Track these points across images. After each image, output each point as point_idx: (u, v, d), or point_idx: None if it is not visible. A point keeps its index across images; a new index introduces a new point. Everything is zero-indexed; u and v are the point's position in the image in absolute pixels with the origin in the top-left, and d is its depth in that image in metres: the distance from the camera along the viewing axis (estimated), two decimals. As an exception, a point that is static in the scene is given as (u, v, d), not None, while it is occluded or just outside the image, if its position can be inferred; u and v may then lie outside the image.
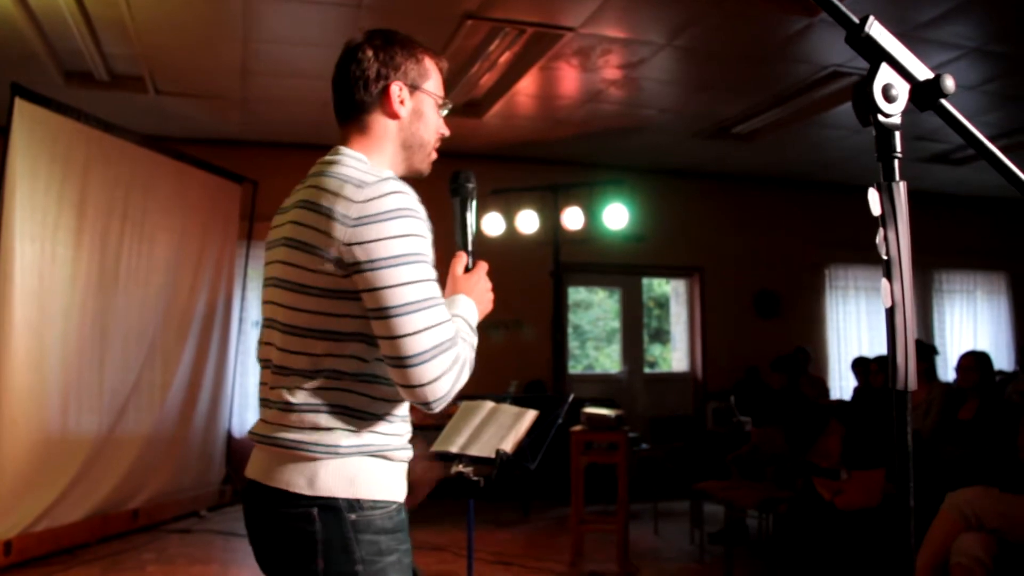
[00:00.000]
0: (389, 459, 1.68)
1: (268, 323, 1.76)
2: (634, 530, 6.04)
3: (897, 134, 1.05)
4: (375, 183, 1.60)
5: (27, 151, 5.39)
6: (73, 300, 5.79)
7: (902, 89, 1.05)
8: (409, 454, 1.75)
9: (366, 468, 1.64)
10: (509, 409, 3.06)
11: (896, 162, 1.04)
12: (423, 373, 1.55)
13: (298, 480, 1.61)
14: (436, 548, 5.76)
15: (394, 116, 1.78)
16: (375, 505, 1.63)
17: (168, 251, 6.73)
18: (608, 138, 8.03)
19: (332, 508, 1.60)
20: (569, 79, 6.47)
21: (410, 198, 1.62)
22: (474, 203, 1.98)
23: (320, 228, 1.60)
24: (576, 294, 10.05)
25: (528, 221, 7.52)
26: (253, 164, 7.74)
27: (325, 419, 1.63)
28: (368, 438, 1.64)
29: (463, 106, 7.03)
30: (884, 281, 1.01)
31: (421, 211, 1.63)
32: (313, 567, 1.60)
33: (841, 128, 7.54)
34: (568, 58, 5.97)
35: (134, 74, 6.26)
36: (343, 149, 1.75)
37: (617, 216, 7.44)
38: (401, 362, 1.55)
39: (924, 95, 1.05)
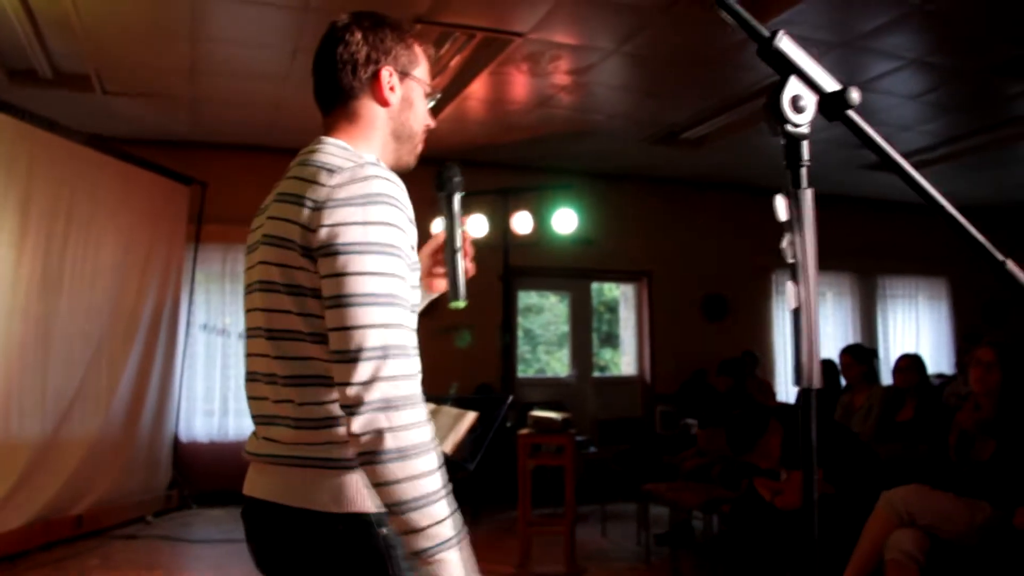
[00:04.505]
0: None
1: (253, 333, 1.59)
2: (581, 532, 6.09)
3: (805, 143, 1.09)
4: (352, 168, 1.46)
5: (-33, 150, 5.30)
6: (15, 302, 5.68)
7: (810, 100, 1.10)
8: None
9: None
10: (449, 411, 3.08)
11: (803, 170, 1.08)
12: (366, 370, 1.35)
13: (321, 497, 1.46)
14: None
15: (384, 103, 1.65)
16: None
17: (114, 253, 6.63)
18: (558, 143, 8.08)
19: (363, 523, 1.46)
20: (519, 84, 6.51)
21: (392, 185, 1.47)
22: (458, 198, 1.91)
23: (291, 218, 1.45)
24: (527, 298, 10.09)
25: (478, 225, 7.55)
26: (202, 165, 7.64)
27: (342, 430, 1.45)
28: None
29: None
30: (789, 284, 1.06)
31: (403, 200, 1.48)
32: None
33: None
34: (518, 63, 6.01)
35: (80, 72, 6.15)
36: (325, 138, 1.60)
37: (566, 220, 7.51)
38: (346, 355, 1.36)
39: (831, 106, 1.10)
